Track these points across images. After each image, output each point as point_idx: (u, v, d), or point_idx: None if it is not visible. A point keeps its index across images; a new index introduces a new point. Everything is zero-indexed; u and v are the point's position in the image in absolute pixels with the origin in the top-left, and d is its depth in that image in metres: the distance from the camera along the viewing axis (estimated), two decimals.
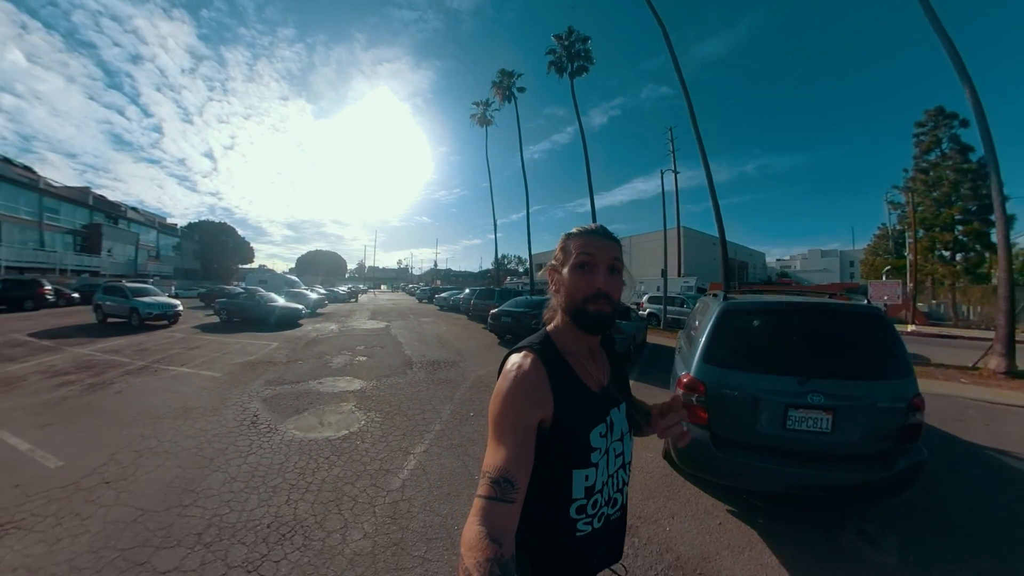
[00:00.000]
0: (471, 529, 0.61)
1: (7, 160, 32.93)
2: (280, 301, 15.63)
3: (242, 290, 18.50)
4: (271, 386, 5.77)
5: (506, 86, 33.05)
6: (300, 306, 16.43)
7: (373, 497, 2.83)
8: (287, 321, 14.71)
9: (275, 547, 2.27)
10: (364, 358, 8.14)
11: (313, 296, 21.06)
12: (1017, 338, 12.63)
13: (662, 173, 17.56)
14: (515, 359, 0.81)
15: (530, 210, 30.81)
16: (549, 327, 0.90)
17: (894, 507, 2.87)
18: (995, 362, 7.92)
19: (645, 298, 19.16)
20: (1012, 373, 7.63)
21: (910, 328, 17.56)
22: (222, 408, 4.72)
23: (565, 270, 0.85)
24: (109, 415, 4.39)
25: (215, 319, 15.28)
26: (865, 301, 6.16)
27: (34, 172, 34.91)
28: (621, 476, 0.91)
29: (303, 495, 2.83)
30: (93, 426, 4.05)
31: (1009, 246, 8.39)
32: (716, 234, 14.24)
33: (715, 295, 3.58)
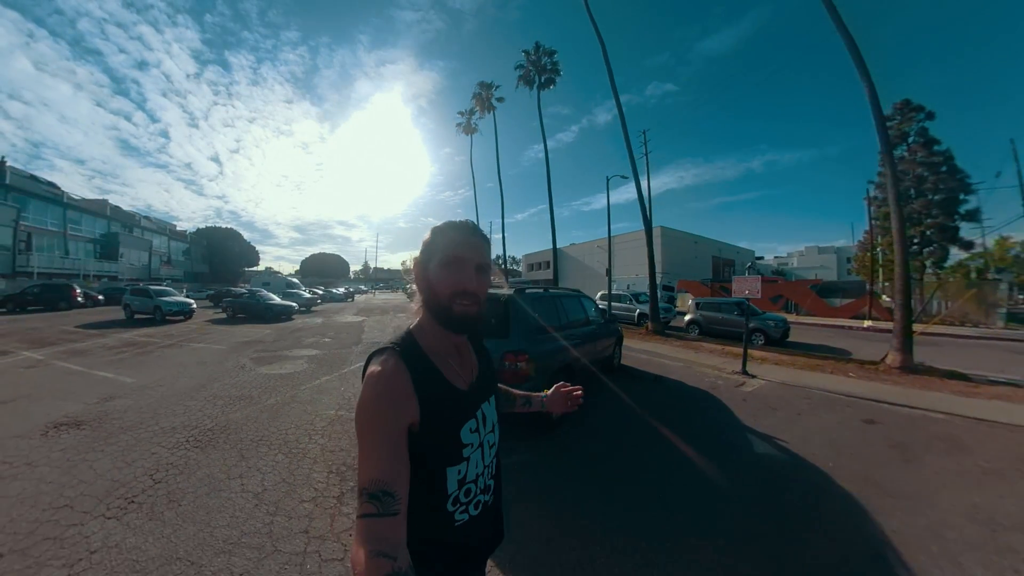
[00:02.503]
0: (358, 553, 0.59)
1: (34, 178, 36.25)
2: (276, 300, 18.55)
3: (245, 291, 21.52)
4: (257, 352, 8.57)
5: (486, 97, 35.41)
6: (294, 304, 19.31)
7: (287, 391, 5.60)
8: (282, 316, 17.57)
9: (238, 403, 5.01)
10: (328, 340, 10.92)
11: (307, 295, 24.04)
12: (931, 331, 13.70)
13: (607, 180, 19.96)
14: (376, 363, 0.77)
15: (533, 210, 31.32)
16: (412, 325, 0.87)
17: (565, 448, 3.77)
18: (891, 357, 7.75)
19: (598, 296, 21.70)
20: (906, 368, 7.40)
21: (866, 324, 17.60)
22: (224, 362, 7.52)
23: (430, 265, 0.81)
24: (155, 365, 7.20)
25: (223, 315, 18.23)
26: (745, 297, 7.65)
27: (58, 188, 38.23)
28: (494, 464, 0.93)
29: (256, 389, 5.60)
30: (146, 369, 6.84)
31: (904, 240, 8.21)
32: (698, 233, 16.14)
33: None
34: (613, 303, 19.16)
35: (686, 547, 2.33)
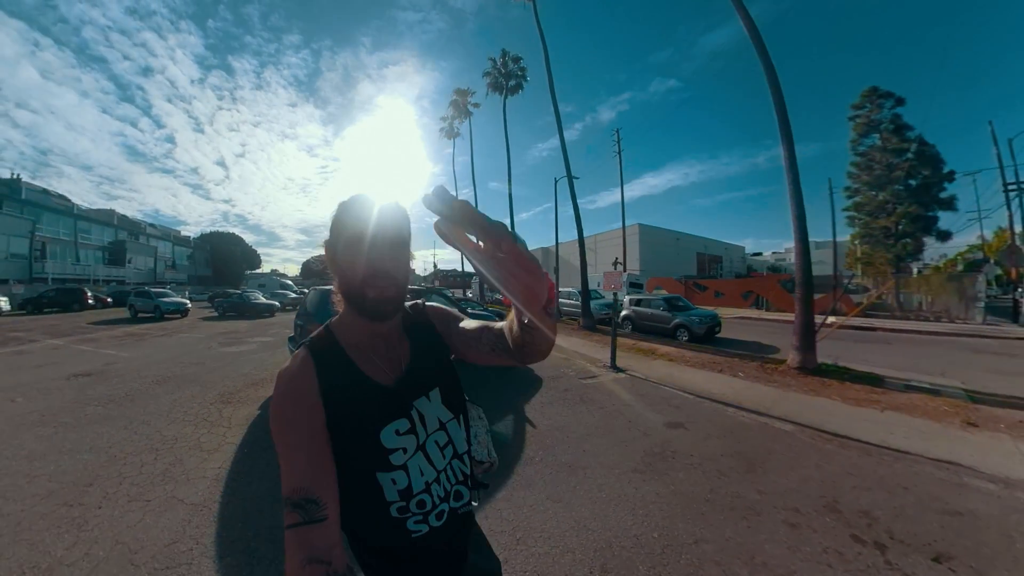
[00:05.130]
0: (290, 564, 0.57)
1: (46, 191, 39.24)
2: (261, 299, 21.11)
3: (236, 292, 24.13)
4: (227, 338, 11.02)
5: (462, 104, 37.45)
6: (276, 303, 21.87)
7: (229, 360, 8.01)
8: (264, 313, 20.08)
9: (193, 366, 7.40)
10: (288, 331, 13.29)
11: (292, 295, 26.65)
12: (863, 324, 13.39)
13: (555, 182, 22.05)
14: (288, 360, 0.74)
15: (538, 209, 29.39)
16: (334, 318, 0.81)
17: None
18: (791, 357, 7.24)
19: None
20: (805, 369, 6.87)
21: (830, 319, 16.37)
22: (198, 344, 9.98)
23: (337, 247, 0.72)
24: (147, 346, 9.65)
25: (215, 313, 20.79)
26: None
27: (68, 200, 41.27)
28: (457, 467, 0.82)
29: (210, 359, 8.01)
30: (140, 349, 9.28)
31: (803, 231, 7.53)
32: (679, 230, 15.48)
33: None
34: (564, 300, 21.23)
35: None
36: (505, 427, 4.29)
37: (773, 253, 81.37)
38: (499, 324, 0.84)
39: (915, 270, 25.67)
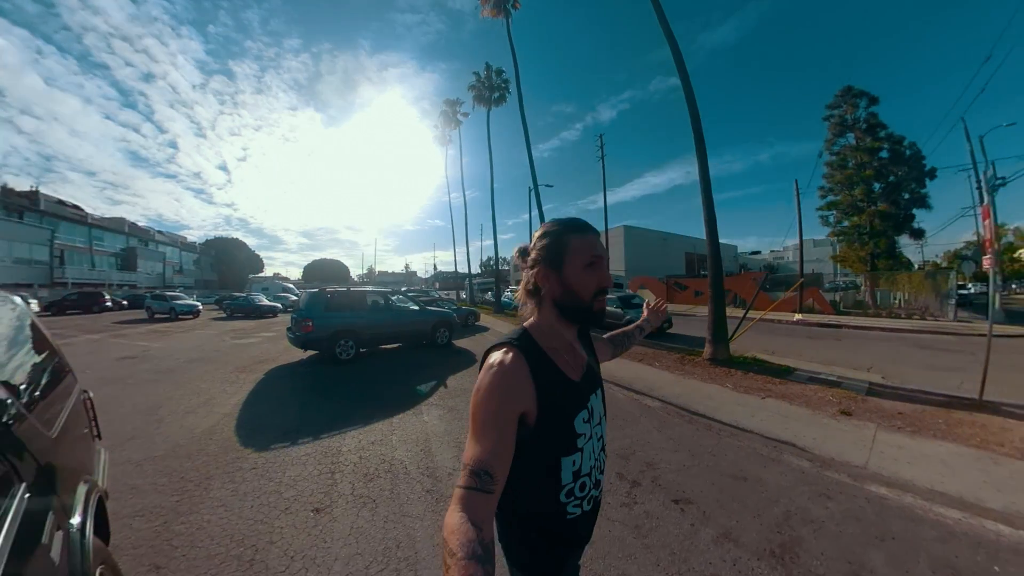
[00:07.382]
0: (453, 516, 0.66)
1: (61, 202, 41.50)
2: (265, 301, 23.10)
3: (242, 295, 26.22)
4: (237, 334, 12.98)
5: (451, 114, 39.09)
6: (279, 304, 23.89)
7: (240, 349, 9.95)
8: (268, 314, 22.08)
9: (212, 351, 9.34)
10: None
11: (293, 298, 28.64)
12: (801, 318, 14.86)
13: (529, 191, 23.80)
14: (496, 355, 0.83)
15: (542, 210, 31.33)
16: (527, 323, 0.94)
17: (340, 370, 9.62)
18: (705, 349, 7.71)
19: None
20: (716, 360, 7.36)
21: (796, 317, 17.28)
22: (215, 338, 11.94)
23: (566, 268, 0.86)
24: (171, 339, 11.62)
25: (223, 314, 22.81)
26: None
27: (82, 209, 43.56)
28: (602, 458, 0.97)
29: (226, 348, 9.95)
30: (166, 341, 11.23)
31: (713, 223, 7.96)
32: (676, 230, 15.62)
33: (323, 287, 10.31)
34: None
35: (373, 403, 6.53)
36: (426, 388, 5.90)
37: (771, 251, 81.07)
38: (606, 336, 1.41)
39: (915, 266, 26.12)
